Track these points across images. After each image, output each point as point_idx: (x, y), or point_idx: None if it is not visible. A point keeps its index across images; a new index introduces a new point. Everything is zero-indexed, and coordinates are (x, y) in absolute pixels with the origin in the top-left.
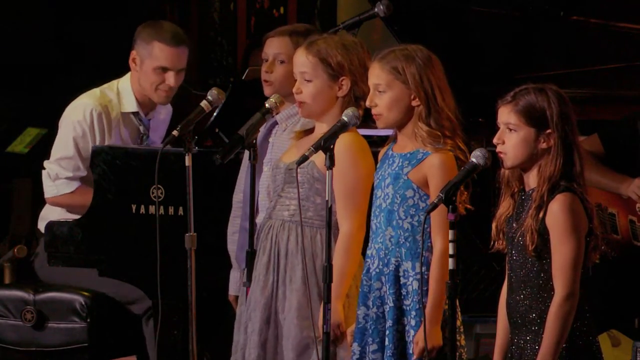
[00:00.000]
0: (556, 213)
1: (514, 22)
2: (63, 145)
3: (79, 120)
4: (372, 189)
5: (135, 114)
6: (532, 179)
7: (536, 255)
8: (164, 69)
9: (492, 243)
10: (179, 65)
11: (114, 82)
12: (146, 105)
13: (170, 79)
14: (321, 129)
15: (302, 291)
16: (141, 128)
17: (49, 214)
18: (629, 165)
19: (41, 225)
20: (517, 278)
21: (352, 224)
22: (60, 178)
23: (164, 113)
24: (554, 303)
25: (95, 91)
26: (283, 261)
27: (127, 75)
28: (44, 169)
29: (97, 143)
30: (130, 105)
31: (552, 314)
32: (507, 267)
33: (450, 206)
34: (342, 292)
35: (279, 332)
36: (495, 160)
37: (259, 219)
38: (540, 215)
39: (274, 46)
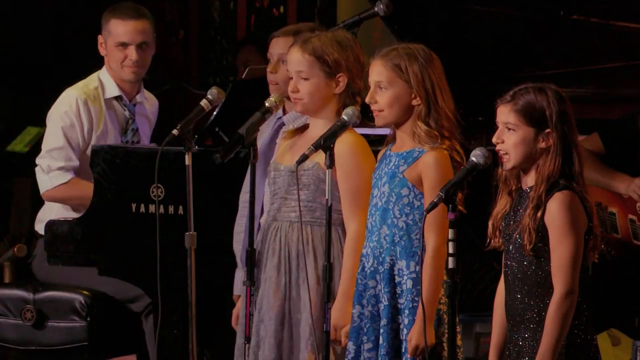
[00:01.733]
0: (554, 211)
1: (514, 22)
2: (52, 137)
3: (66, 110)
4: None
5: (119, 98)
6: (530, 178)
7: (534, 254)
8: (124, 44)
9: (488, 241)
10: (138, 38)
11: (95, 73)
12: (127, 90)
13: (132, 53)
14: (317, 126)
15: (315, 290)
16: (126, 113)
17: (47, 216)
18: (629, 164)
19: (39, 227)
20: (514, 276)
21: (360, 224)
22: (53, 169)
23: (150, 104)
24: (553, 301)
25: (79, 83)
26: (294, 262)
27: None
28: (37, 165)
29: (86, 131)
30: (111, 90)
31: (552, 311)
32: (503, 265)
33: (450, 205)
34: (351, 293)
35: (294, 333)
36: (494, 159)
37: (263, 219)
38: (538, 214)
39: (278, 46)
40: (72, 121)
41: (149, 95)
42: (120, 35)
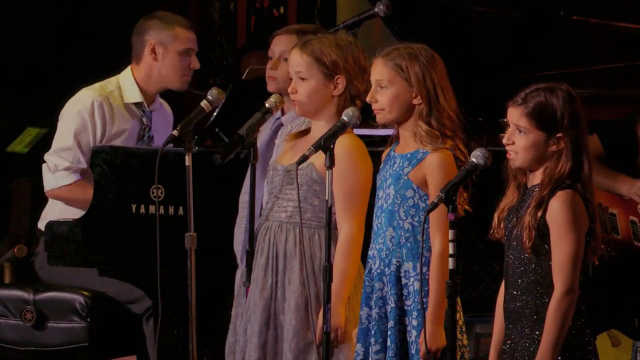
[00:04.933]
0: (556, 209)
1: (514, 22)
2: (62, 136)
3: (80, 110)
4: (373, 190)
5: (139, 104)
6: (536, 177)
7: (533, 251)
8: (189, 52)
9: (491, 231)
10: (197, 50)
11: (114, 78)
12: (149, 97)
13: (196, 62)
14: (318, 128)
15: (300, 292)
16: (144, 119)
17: (51, 213)
18: (628, 165)
19: (42, 225)
20: (514, 273)
21: (353, 226)
22: (59, 169)
23: (168, 115)
24: (553, 299)
25: (95, 85)
26: (282, 263)
27: (128, 70)
28: (45, 162)
29: (99, 133)
30: (134, 95)
31: (552, 310)
32: (504, 262)
33: (450, 206)
34: (343, 295)
35: (278, 334)
36: (495, 160)
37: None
38: (539, 213)
39: (280, 44)
40: (84, 122)
41: (164, 102)
42: (189, 42)
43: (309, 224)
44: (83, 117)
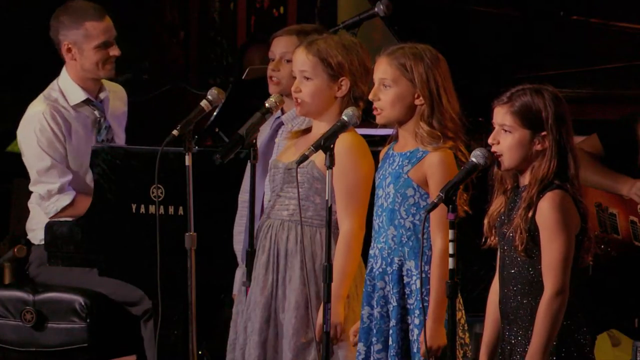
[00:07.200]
0: (546, 210)
1: (514, 22)
2: (36, 159)
3: (39, 128)
4: (373, 189)
5: (86, 101)
6: (526, 178)
7: (525, 254)
8: (106, 44)
9: (484, 239)
10: (114, 34)
11: (53, 83)
12: (92, 89)
13: (116, 50)
14: (319, 128)
15: (300, 291)
16: (96, 112)
17: (34, 225)
18: (628, 165)
19: (31, 236)
20: (508, 274)
21: (353, 223)
22: (54, 194)
23: (115, 95)
24: (543, 300)
25: (39, 97)
26: (282, 261)
27: (63, 71)
28: (32, 192)
29: (62, 139)
30: (77, 95)
31: (542, 311)
32: (498, 263)
33: (450, 206)
34: (342, 293)
35: (278, 332)
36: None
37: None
38: (529, 214)
39: (281, 45)
40: (47, 137)
41: (112, 86)
42: (101, 35)
43: (310, 222)
44: (44, 134)
